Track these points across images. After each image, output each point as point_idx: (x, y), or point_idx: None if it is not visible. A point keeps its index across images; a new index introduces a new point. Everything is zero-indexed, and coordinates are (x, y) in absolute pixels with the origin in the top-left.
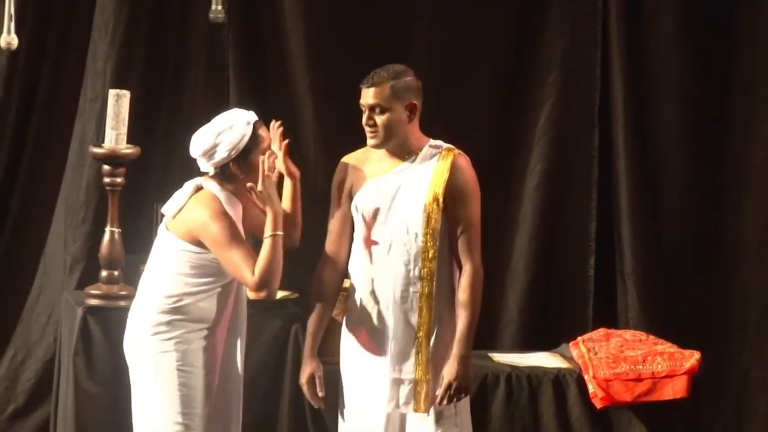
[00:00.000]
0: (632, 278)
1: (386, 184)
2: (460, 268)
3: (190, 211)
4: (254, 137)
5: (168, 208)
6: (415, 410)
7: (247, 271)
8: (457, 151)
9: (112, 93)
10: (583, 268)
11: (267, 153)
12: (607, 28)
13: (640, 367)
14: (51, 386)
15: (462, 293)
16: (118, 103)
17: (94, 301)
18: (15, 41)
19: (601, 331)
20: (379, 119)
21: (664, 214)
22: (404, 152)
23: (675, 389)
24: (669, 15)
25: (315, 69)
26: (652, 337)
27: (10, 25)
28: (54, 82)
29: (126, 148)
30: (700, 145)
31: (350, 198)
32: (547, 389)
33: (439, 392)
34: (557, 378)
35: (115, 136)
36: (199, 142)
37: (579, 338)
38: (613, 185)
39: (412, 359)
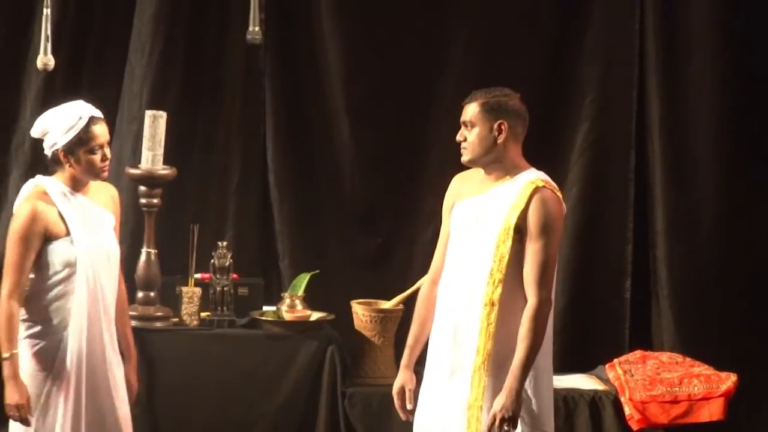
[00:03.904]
0: (668, 300)
1: (475, 204)
2: None
3: (16, 208)
4: (85, 133)
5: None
6: None
7: (8, 279)
8: (542, 184)
9: (149, 114)
10: (619, 290)
11: (99, 153)
12: (643, 50)
13: (677, 389)
14: None
15: (521, 327)
16: (155, 124)
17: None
18: (52, 62)
19: (638, 353)
20: (468, 135)
21: (701, 236)
22: (500, 175)
23: (711, 412)
24: (706, 37)
25: (352, 90)
26: (688, 359)
27: (46, 46)
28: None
29: (162, 169)
30: (736, 168)
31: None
32: (584, 411)
33: (487, 422)
34: (594, 400)
35: (152, 157)
36: (36, 124)
37: (615, 360)
38: (650, 207)
39: (468, 382)
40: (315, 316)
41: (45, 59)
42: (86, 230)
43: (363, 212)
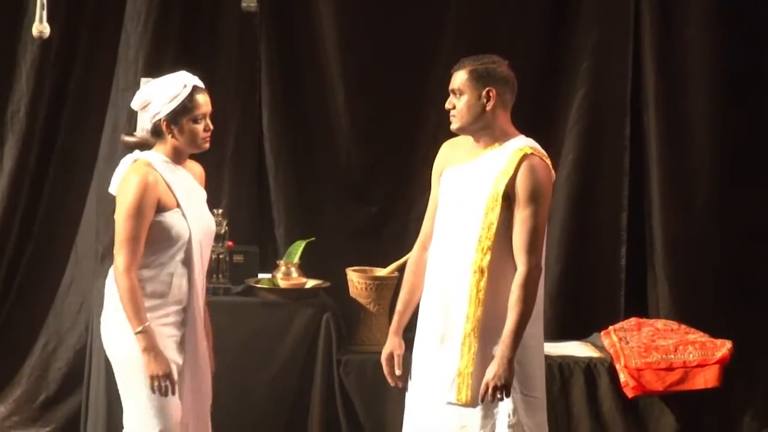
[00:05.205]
0: (663, 268)
1: (463, 172)
2: None
3: (120, 182)
4: (189, 101)
5: (111, 186)
6: (457, 400)
7: (124, 252)
8: (530, 151)
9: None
10: (614, 258)
11: (202, 122)
12: (639, 17)
13: (672, 356)
14: (82, 375)
15: (511, 294)
16: None
17: None
18: (47, 30)
19: (633, 320)
20: (456, 103)
21: (696, 203)
22: (489, 142)
23: (706, 378)
24: (702, 3)
25: (347, 58)
26: (683, 326)
27: (42, 14)
28: (86, 71)
29: None
30: (732, 136)
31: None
32: (579, 378)
33: (481, 391)
34: (589, 367)
35: None
36: (138, 95)
37: (610, 327)
38: (645, 175)
39: (458, 350)
40: (310, 283)
41: (40, 27)
42: (191, 203)
43: (358, 180)
